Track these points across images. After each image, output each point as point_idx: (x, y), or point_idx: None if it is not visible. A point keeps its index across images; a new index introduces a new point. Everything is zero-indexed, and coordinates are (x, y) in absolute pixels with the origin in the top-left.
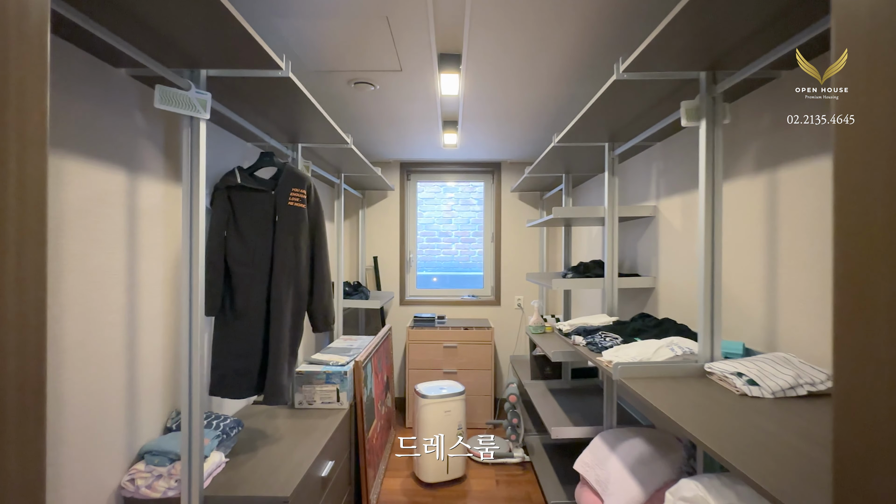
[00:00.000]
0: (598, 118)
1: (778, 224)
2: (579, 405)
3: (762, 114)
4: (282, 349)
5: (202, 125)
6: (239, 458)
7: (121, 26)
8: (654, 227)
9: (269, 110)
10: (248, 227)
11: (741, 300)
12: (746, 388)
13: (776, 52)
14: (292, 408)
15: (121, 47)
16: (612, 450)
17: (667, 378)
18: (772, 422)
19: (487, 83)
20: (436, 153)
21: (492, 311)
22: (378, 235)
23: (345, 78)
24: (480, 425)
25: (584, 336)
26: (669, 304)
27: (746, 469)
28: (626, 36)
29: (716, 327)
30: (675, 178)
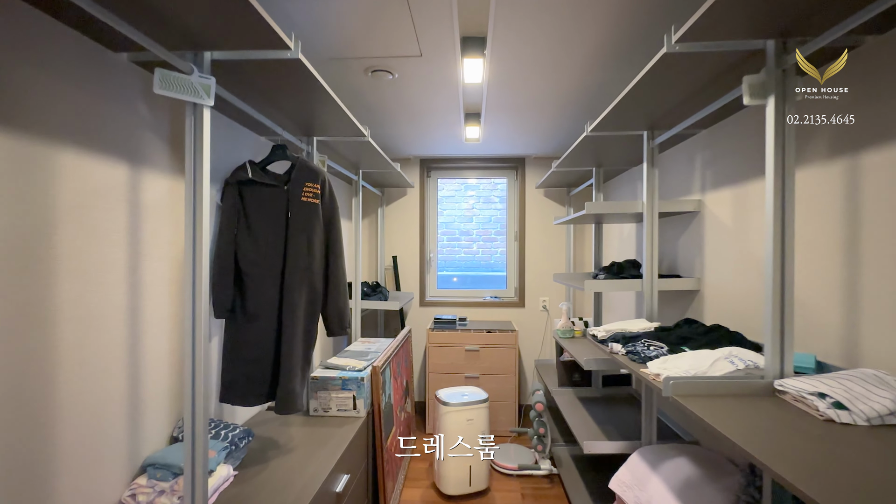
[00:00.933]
0: (639, 102)
1: (861, 218)
2: (612, 416)
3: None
4: (294, 354)
5: (206, 112)
6: (249, 472)
7: (118, 4)
8: (699, 224)
9: (280, 99)
10: (259, 225)
11: (810, 306)
12: (833, 413)
13: (865, 14)
14: (307, 415)
15: (118, 27)
16: (653, 469)
17: (727, 396)
18: (872, 459)
19: (513, 69)
20: (457, 148)
21: (516, 312)
22: (397, 234)
23: (361, 66)
24: (504, 433)
25: (624, 344)
26: (716, 308)
27: None
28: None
29: (787, 338)
30: (724, 169)
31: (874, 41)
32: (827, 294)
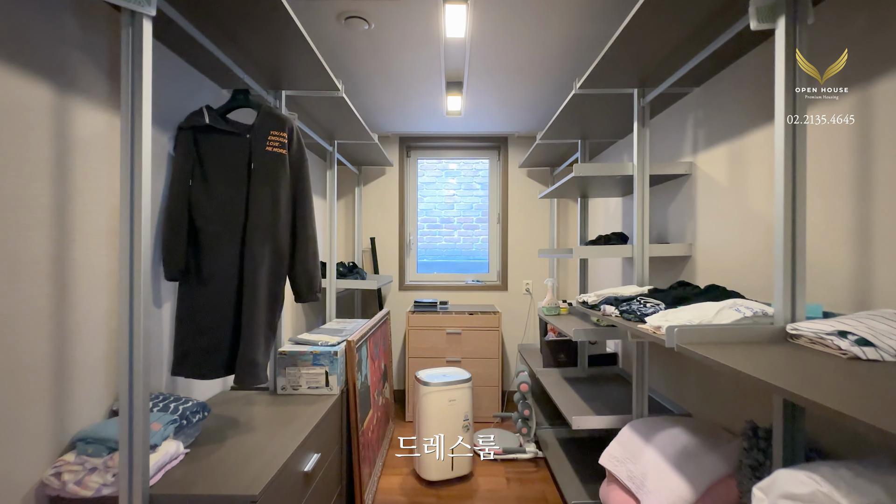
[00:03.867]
0: (630, 51)
1: (874, 154)
2: (599, 394)
3: (855, 15)
4: (256, 320)
5: (146, 25)
6: (203, 450)
7: None
8: (690, 187)
9: (245, 37)
10: (217, 177)
11: (819, 257)
12: (858, 350)
13: None
14: (274, 393)
15: None
16: (646, 441)
17: (738, 344)
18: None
19: (498, 21)
20: (438, 124)
21: (498, 296)
22: (375, 216)
23: (333, 10)
24: (487, 418)
25: (617, 306)
26: (709, 273)
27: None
28: None
29: (798, 281)
30: (718, 127)
31: None
32: (837, 242)
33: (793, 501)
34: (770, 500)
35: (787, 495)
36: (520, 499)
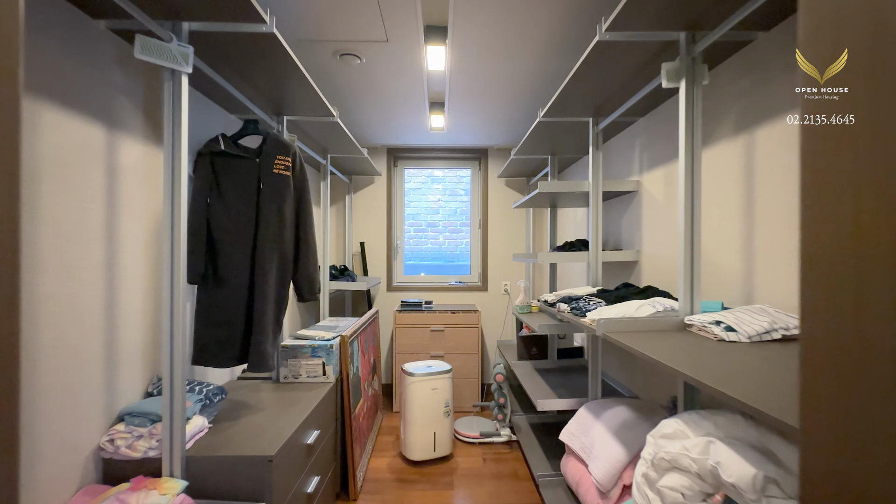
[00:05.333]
0: (583, 87)
1: (755, 184)
2: (565, 381)
3: (742, 76)
4: (266, 317)
5: (184, 79)
6: (222, 425)
7: None
8: (638, 202)
9: (254, 74)
10: (231, 194)
11: (720, 263)
12: (724, 334)
13: (750, 6)
14: (277, 382)
15: None
16: (596, 418)
17: (649, 332)
18: (747, 358)
19: (473, 57)
20: (423, 138)
21: (479, 296)
22: (365, 221)
23: (330, 49)
24: (467, 408)
25: (569, 304)
26: (652, 275)
27: (719, 384)
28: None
29: (695, 282)
30: (658, 151)
31: (764, 37)
32: (732, 250)
33: (664, 438)
34: (653, 440)
35: (662, 435)
36: (494, 475)
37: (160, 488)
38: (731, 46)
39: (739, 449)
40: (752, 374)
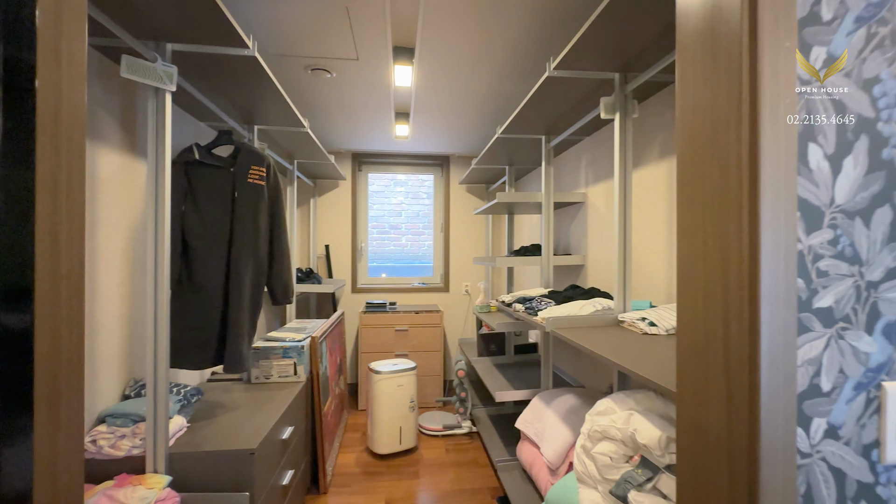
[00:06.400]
0: (535, 111)
1: (674, 201)
2: (521, 375)
3: (664, 111)
4: (242, 320)
5: (168, 97)
6: (199, 424)
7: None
8: (584, 212)
9: (229, 89)
10: (205, 203)
11: (649, 267)
12: (648, 329)
13: (668, 59)
14: (248, 382)
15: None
16: (547, 406)
17: (589, 327)
18: (662, 348)
19: (438, 76)
20: (387, 144)
21: (441, 297)
22: (329, 224)
23: (302, 63)
24: (431, 404)
25: (524, 304)
26: (596, 277)
27: (633, 366)
28: (560, 37)
29: (627, 285)
30: (600, 168)
31: None
32: (658, 257)
33: (598, 415)
34: (590, 418)
35: (596, 412)
36: (456, 463)
37: (146, 483)
38: (656, 86)
39: (651, 418)
40: (663, 360)
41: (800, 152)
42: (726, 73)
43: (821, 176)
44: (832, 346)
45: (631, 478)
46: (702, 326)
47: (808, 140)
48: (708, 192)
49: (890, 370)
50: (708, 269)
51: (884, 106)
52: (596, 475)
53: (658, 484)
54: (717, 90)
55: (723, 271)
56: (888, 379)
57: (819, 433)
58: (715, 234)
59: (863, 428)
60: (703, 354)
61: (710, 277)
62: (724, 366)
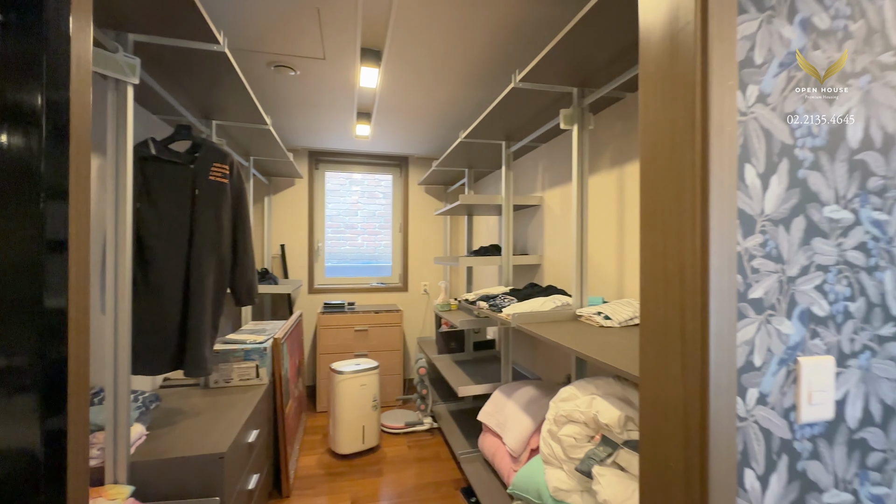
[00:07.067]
0: (498, 118)
1: (625, 206)
2: (481, 370)
3: (615, 123)
4: (204, 322)
5: (130, 90)
6: (159, 431)
7: None
8: (541, 214)
9: (190, 83)
10: (163, 201)
11: (602, 265)
12: (603, 322)
13: (622, 78)
14: (206, 387)
15: None
16: (508, 398)
17: (551, 322)
18: (617, 338)
19: (404, 80)
20: (347, 144)
21: (400, 296)
22: (285, 224)
23: (266, 60)
24: (391, 402)
25: (487, 301)
26: (552, 275)
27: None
28: (523, 51)
29: (584, 283)
30: (556, 174)
31: (631, 96)
32: (610, 257)
33: (562, 401)
34: (554, 404)
35: (561, 399)
36: (418, 459)
37: (107, 495)
38: (609, 101)
39: (611, 401)
40: (619, 348)
41: (739, 171)
42: (682, 103)
43: (754, 191)
44: (762, 330)
45: (594, 455)
46: (662, 315)
47: (744, 161)
48: (667, 200)
49: (804, 348)
50: (667, 266)
51: (799, 135)
52: (562, 456)
53: (617, 458)
54: (675, 116)
55: (679, 268)
56: (802, 355)
57: (752, 401)
58: (673, 237)
59: (784, 395)
60: (664, 339)
61: (668, 273)
62: (680, 348)
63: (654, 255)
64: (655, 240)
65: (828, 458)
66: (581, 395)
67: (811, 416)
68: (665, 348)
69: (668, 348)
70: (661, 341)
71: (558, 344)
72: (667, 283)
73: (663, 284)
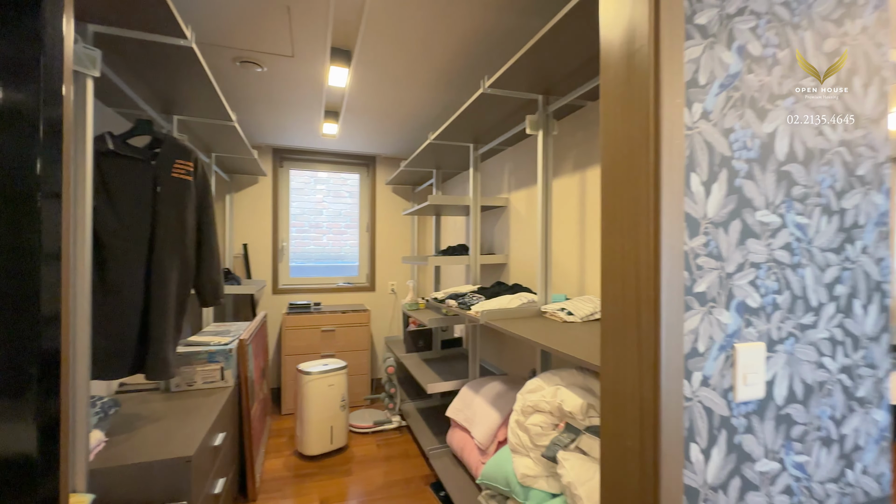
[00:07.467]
0: (467, 121)
1: (586, 208)
2: (449, 368)
3: (578, 130)
4: (167, 324)
5: (90, 84)
6: (119, 437)
7: None
8: (507, 215)
9: (152, 76)
10: (122, 198)
11: (564, 264)
12: (566, 317)
13: (584, 88)
14: (168, 391)
15: None
16: (476, 393)
17: (517, 318)
18: (579, 332)
19: (374, 80)
20: (313, 141)
21: (367, 296)
22: (247, 222)
23: (231, 55)
24: (359, 402)
25: (456, 299)
26: (517, 274)
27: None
28: (492, 57)
29: (549, 281)
30: (521, 176)
31: (591, 105)
32: (572, 256)
33: (529, 393)
34: (521, 396)
35: (528, 391)
36: (387, 457)
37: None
38: (572, 108)
39: (575, 390)
40: (581, 342)
41: (686, 179)
42: (638, 117)
43: (699, 197)
44: (705, 320)
45: (558, 441)
46: (620, 309)
47: (690, 170)
48: (625, 204)
49: (740, 335)
50: (625, 264)
51: (736, 148)
52: (529, 444)
53: (580, 444)
54: (632, 129)
55: (635, 266)
56: (738, 341)
57: (697, 383)
58: (630, 238)
59: (723, 377)
60: (622, 330)
61: (626, 271)
62: (636, 337)
63: (613, 254)
64: (615, 240)
65: (759, 431)
66: (546, 386)
67: (746, 396)
68: (623, 339)
69: (625, 339)
70: (619, 332)
71: (525, 339)
72: (624, 279)
73: (621, 281)
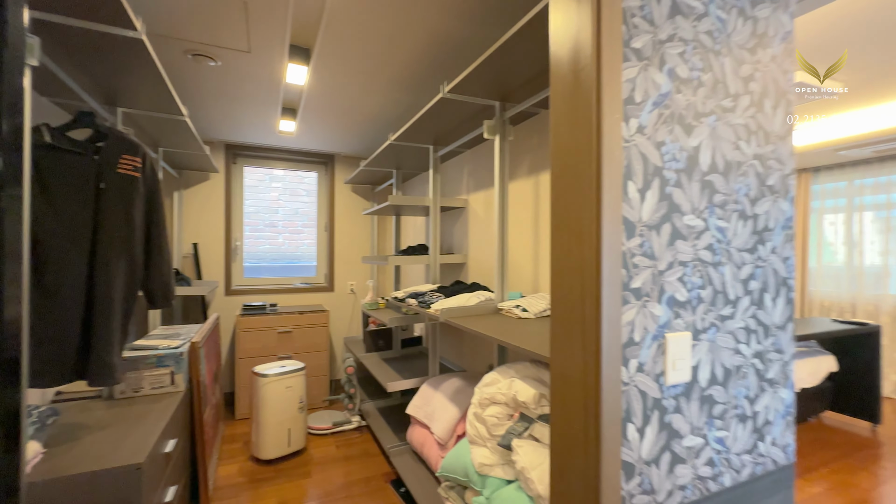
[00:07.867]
0: (427, 124)
1: (539, 210)
2: (409, 366)
3: (532, 136)
4: (111, 327)
5: (27, 72)
6: (59, 448)
7: None
8: (466, 216)
9: (96, 66)
10: (61, 194)
11: (519, 263)
12: (521, 314)
13: (538, 96)
14: (111, 399)
15: None
16: (435, 390)
17: (475, 316)
18: (534, 328)
19: (333, 79)
20: (269, 138)
21: (326, 296)
22: (198, 221)
23: (182, 47)
24: (318, 404)
25: (416, 298)
26: (476, 273)
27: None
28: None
29: (505, 280)
30: (479, 178)
31: (545, 112)
32: (527, 256)
33: (486, 386)
34: (479, 389)
35: (485, 384)
36: (347, 457)
37: None
38: (527, 115)
39: (528, 381)
40: (535, 336)
41: (623, 186)
42: (583, 130)
43: (635, 202)
44: (640, 313)
45: (513, 430)
46: (567, 303)
47: (627, 179)
48: (571, 209)
49: (669, 326)
50: (571, 262)
51: (667, 159)
52: (486, 434)
53: (533, 431)
54: (577, 140)
55: (580, 264)
56: (668, 331)
57: (633, 369)
58: (576, 238)
59: (656, 363)
60: (568, 322)
61: (573, 268)
62: (581, 329)
63: (561, 253)
64: (563, 241)
65: (686, 411)
66: (502, 378)
67: (675, 379)
68: (569, 331)
69: (571, 330)
70: (566, 325)
71: (483, 334)
72: (571, 277)
73: (568, 278)
